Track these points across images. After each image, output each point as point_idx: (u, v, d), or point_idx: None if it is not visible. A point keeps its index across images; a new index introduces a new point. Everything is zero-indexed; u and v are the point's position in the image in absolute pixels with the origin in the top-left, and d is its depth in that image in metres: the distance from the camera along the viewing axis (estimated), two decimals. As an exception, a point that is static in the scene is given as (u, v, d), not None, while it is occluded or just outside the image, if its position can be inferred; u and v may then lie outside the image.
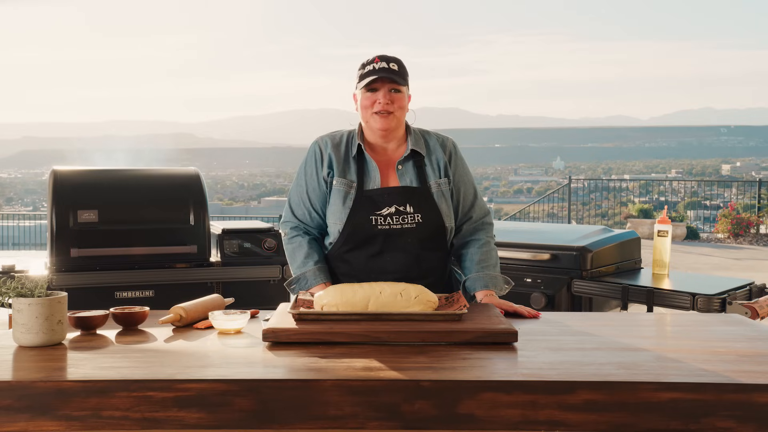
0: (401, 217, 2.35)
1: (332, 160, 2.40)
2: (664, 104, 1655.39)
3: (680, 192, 18.98)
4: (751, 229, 12.25)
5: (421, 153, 2.43)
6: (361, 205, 2.35)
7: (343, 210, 2.36)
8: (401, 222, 2.35)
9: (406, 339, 1.86)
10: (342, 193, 2.37)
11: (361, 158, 2.41)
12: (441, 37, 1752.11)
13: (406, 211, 2.36)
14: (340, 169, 2.39)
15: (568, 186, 13.87)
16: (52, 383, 1.55)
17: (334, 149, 2.42)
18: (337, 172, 2.39)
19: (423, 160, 2.43)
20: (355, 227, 2.36)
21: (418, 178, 2.40)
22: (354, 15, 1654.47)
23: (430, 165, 2.43)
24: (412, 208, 2.36)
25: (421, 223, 2.37)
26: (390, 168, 2.42)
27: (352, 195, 2.36)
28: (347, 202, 2.36)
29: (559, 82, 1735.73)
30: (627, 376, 1.60)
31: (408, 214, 2.36)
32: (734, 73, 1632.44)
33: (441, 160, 2.44)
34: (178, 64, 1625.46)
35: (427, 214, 2.37)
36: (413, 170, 2.41)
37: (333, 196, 2.39)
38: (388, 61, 2.35)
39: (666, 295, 3.74)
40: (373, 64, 2.34)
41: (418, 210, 2.36)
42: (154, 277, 4.25)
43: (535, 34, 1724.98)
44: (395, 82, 2.32)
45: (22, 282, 1.86)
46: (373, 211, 2.35)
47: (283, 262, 4.57)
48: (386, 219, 2.35)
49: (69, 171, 4.39)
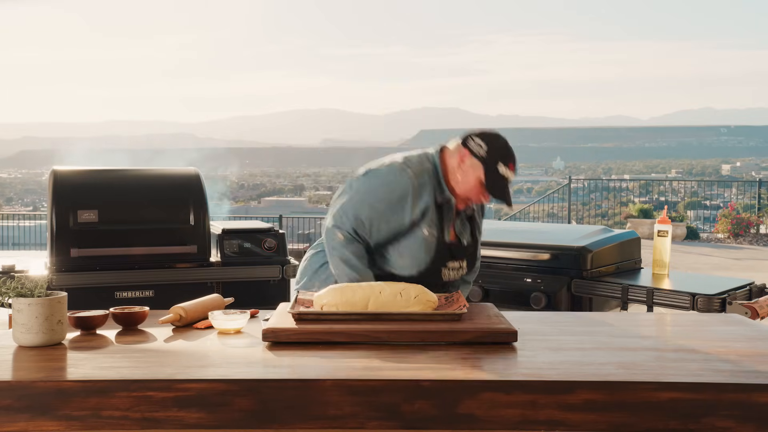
0: (458, 271, 2.48)
1: (428, 207, 2.36)
2: (664, 104, 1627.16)
3: (680, 192, 18.99)
4: (751, 229, 12.25)
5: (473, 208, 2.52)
6: (440, 256, 2.40)
7: (425, 258, 2.37)
8: (457, 275, 2.48)
9: (406, 339, 1.86)
10: (428, 243, 2.36)
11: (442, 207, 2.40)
12: (441, 37, 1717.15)
13: (461, 266, 2.48)
14: (432, 219, 2.37)
15: (568, 186, 13.87)
16: (52, 383, 1.55)
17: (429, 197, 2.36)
18: (428, 222, 2.36)
19: (475, 215, 2.53)
20: (428, 275, 2.38)
21: (471, 234, 2.51)
22: (354, 15, 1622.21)
23: (478, 220, 2.55)
24: (466, 263, 2.49)
25: (465, 273, 2.52)
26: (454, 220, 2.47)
27: (434, 245, 2.38)
28: (430, 251, 2.37)
29: (559, 82, 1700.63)
30: (627, 376, 1.60)
31: (462, 268, 2.49)
32: (734, 73, 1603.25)
33: (483, 214, 2.59)
34: (178, 64, 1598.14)
35: (471, 265, 2.54)
36: (467, 224, 2.50)
37: (419, 242, 2.35)
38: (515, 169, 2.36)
39: (666, 295, 3.75)
40: (508, 170, 2.33)
41: (469, 265, 2.51)
42: (154, 277, 4.26)
43: (535, 34, 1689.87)
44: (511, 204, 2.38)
45: (22, 282, 1.86)
46: (446, 263, 2.42)
47: (283, 262, 4.57)
48: (451, 272, 2.45)
49: (69, 171, 4.39)
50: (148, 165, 5.03)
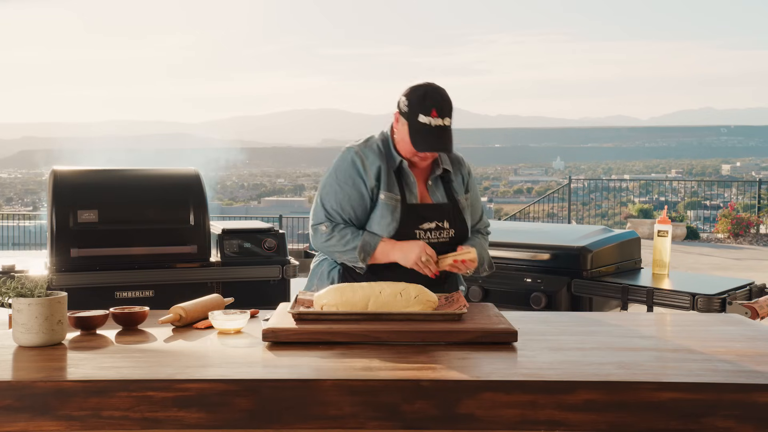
0: (439, 232, 2.43)
1: (380, 172, 2.40)
2: (664, 104, 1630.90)
3: (680, 192, 18.99)
4: (751, 229, 12.25)
5: (449, 170, 2.50)
6: (408, 219, 2.40)
7: (391, 223, 2.38)
8: (438, 236, 2.43)
9: (406, 339, 1.86)
10: (390, 207, 2.39)
11: (400, 171, 2.43)
12: (441, 36, 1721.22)
13: (443, 226, 2.44)
14: (387, 183, 2.40)
15: (568, 186, 13.87)
16: (52, 383, 1.55)
17: (379, 162, 2.41)
18: (384, 186, 2.39)
19: (450, 176, 2.51)
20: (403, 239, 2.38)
21: (447, 194, 2.48)
22: (354, 14, 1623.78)
23: (456, 182, 2.51)
24: (448, 223, 2.45)
25: (453, 237, 2.46)
26: (422, 182, 2.48)
27: (399, 209, 2.39)
28: (396, 215, 2.39)
29: (559, 82, 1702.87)
30: (627, 376, 1.60)
31: (445, 229, 2.44)
32: (734, 73, 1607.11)
33: (465, 178, 2.54)
34: (178, 64, 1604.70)
35: (459, 228, 2.47)
36: (442, 186, 2.49)
37: (381, 209, 2.39)
38: (444, 114, 2.31)
39: (666, 295, 3.75)
40: (430, 117, 2.30)
41: (453, 225, 2.45)
42: (154, 277, 4.26)
43: (535, 34, 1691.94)
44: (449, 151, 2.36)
45: (22, 282, 1.86)
46: (418, 225, 2.41)
47: (283, 262, 4.57)
48: (426, 233, 2.41)
49: (69, 171, 4.39)
50: (148, 165, 5.03)
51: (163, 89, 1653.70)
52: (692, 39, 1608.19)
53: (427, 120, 2.30)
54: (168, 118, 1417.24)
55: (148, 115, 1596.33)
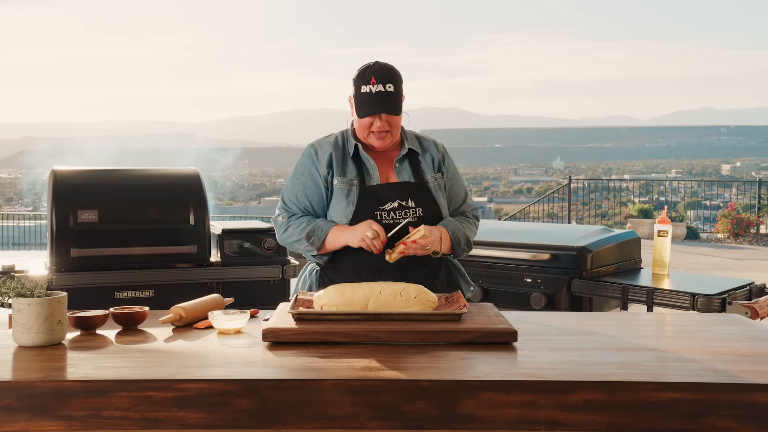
0: (404, 211, 2.40)
1: (332, 159, 2.43)
2: (664, 104, 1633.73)
3: (680, 192, 18.99)
4: (751, 229, 12.25)
5: (416, 151, 2.49)
6: (365, 201, 2.39)
7: (347, 207, 2.39)
8: (403, 216, 2.39)
9: (406, 339, 1.86)
10: (345, 191, 2.40)
11: (358, 158, 2.45)
12: (441, 36, 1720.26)
13: (408, 205, 2.41)
14: (340, 169, 2.42)
15: (568, 186, 13.87)
16: (52, 383, 1.55)
17: (331, 150, 2.45)
18: (337, 172, 2.42)
19: (418, 157, 2.50)
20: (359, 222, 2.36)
21: (415, 175, 2.46)
22: (354, 14, 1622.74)
23: (425, 162, 2.50)
24: (414, 202, 2.41)
25: (422, 217, 2.41)
26: (387, 166, 2.47)
27: (355, 192, 2.40)
28: (350, 197, 2.39)
29: (559, 82, 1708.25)
30: (627, 376, 1.60)
31: (410, 208, 2.41)
32: (734, 73, 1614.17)
33: (435, 158, 2.51)
34: (178, 64, 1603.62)
35: (427, 207, 2.43)
36: (409, 168, 2.47)
37: (336, 195, 2.41)
38: (384, 81, 2.34)
39: (666, 295, 3.75)
40: (369, 85, 2.34)
41: (419, 204, 2.42)
42: (154, 277, 4.25)
43: (535, 34, 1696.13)
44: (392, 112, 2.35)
45: (22, 282, 1.86)
46: (378, 206, 2.39)
47: (283, 262, 4.57)
48: (389, 214, 2.39)
49: (69, 171, 4.39)
50: (148, 165, 5.03)
51: (163, 89, 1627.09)
52: (692, 39, 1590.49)
53: (368, 88, 2.34)
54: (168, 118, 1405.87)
55: (148, 115, 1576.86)
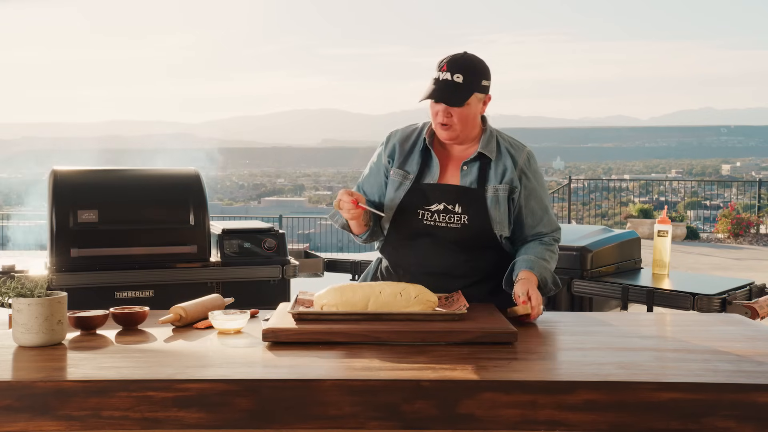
0: (448, 215, 2.30)
1: (395, 150, 2.39)
2: (664, 104, 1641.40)
3: (680, 192, 18.99)
4: (751, 229, 12.25)
5: (488, 156, 2.34)
6: (412, 197, 2.32)
7: (394, 200, 2.35)
8: (446, 221, 2.30)
9: (406, 339, 1.86)
10: (396, 183, 2.36)
11: (426, 152, 2.37)
12: (441, 36, 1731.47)
13: (454, 210, 2.29)
14: (401, 161, 2.38)
15: (568, 186, 13.87)
16: (52, 383, 1.55)
17: (401, 141, 2.40)
18: (396, 164, 2.38)
19: (489, 163, 2.34)
20: (403, 218, 2.34)
21: (479, 180, 2.32)
22: (354, 14, 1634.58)
23: (494, 169, 2.33)
24: (461, 208, 2.30)
25: (467, 225, 2.29)
26: (454, 166, 2.36)
27: (406, 186, 2.34)
28: (399, 191, 2.34)
29: (559, 82, 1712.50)
30: (627, 376, 1.60)
31: (455, 213, 2.30)
32: (734, 73, 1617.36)
33: (509, 168, 2.34)
34: (178, 64, 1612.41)
35: (475, 217, 2.30)
36: (477, 172, 2.33)
37: (389, 186, 2.38)
38: (455, 70, 2.22)
39: (666, 295, 3.74)
40: (440, 72, 2.23)
41: (466, 211, 2.29)
42: (154, 277, 4.25)
43: (535, 34, 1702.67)
44: (449, 102, 2.22)
45: (22, 282, 1.86)
46: (422, 205, 2.32)
47: (283, 262, 4.57)
48: (433, 215, 2.31)
49: (69, 171, 4.39)
50: (148, 165, 5.02)
51: (163, 89, 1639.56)
52: (692, 39, 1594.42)
53: (438, 75, 2.24)
54: (168, 118, 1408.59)
55: (148, 115, 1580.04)
